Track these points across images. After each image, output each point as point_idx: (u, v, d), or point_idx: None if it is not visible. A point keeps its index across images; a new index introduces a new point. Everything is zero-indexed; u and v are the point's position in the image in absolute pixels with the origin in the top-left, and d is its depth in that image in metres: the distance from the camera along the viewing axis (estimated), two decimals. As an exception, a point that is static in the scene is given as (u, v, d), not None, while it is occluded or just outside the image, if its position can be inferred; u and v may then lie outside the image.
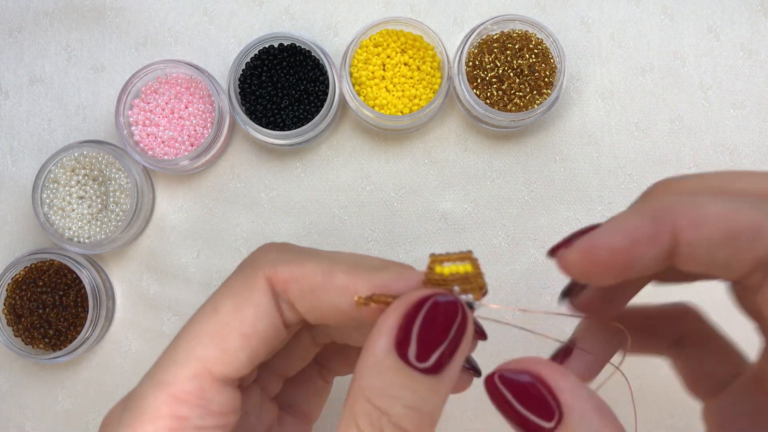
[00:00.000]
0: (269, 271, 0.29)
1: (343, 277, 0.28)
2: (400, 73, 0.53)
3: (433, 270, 0.27)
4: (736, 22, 0.55)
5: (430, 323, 0.26)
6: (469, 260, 0.27)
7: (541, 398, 0.25)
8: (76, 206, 0.52)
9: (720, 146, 0.54)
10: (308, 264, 0.29)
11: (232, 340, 0.28)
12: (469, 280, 0.27)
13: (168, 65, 0.53)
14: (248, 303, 0.29)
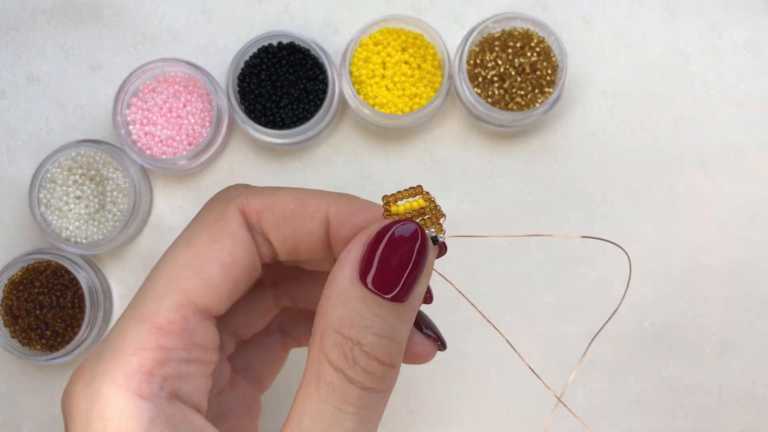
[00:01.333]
0: (241, 202, 0.29)
1: (315, 202, 0.29)
2: (401, 71, 0.53)
3: (389, 210, 0.28)
4: (739, 20, 0.55)
5: (391, 251, 0.26)
6: (421, 194, 0.28)
7: None
8: (74, 206, 0.52)
9: (723, 145, 0.54)
10: (279, 193, 0.30)
11: (211, 270, 0.28)
12: (426, 213, 0.28)
13: (166, 64, 0.53)
14: (224, 234, 0.29)
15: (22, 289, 0.51)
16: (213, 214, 0.29)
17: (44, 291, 0.51)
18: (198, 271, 0.28)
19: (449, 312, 0.53)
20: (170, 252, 0.29)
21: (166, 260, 0.29)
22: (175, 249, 0.29)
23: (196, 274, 0.28)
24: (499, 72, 0.52)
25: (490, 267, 0.54)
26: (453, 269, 0.54)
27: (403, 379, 0.52)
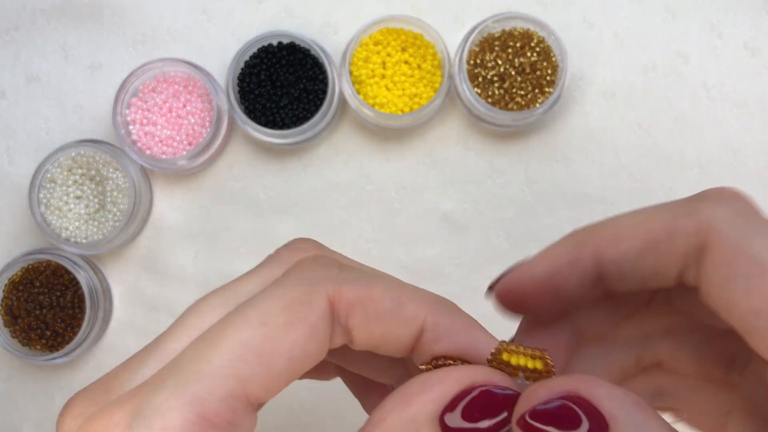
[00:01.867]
0: (334, 289, 0.25)
1: (414, 307, 0.26)
2: (401, 71, 0.53)
3: (501, 355, 0.25)
4: (739, 20, 0.55)
5: (476, 409, 0.24)
6: (541, 359, 0.25)
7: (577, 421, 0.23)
8: (73, 206, 0.52)
9: (723, 145, 0.54)
10: (376, 286, 0.26)
11: (279, 364, 0.24)
12: (540, 376, 0.25)
13: (166, 64, 0.52)
14: (304, 322, 0.24)
15: (22, 289, 0.51)
16: (298, 293, 0.25)
17: (44, 291, 0.51)
18: (264, 361, 0.24)
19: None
20: (238, 323, 0.24)
21: (233, 332, 0.24)
22: (244, 322, 0.24)
23: (262, 365, 0.24)
24: (499, 72, 0.52)
25: (490, 267, 0.54)
26: (453, 269, 0.54)
27: (403, 379, 0.52)
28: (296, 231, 0.54)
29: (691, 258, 0.25)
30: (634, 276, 0.26)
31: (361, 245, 0.54)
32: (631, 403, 0.23)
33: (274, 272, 0.27)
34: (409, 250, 0.54)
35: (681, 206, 0.27)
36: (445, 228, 0.54)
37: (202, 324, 0.25)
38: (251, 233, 0.54)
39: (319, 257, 0.27)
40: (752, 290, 0.24)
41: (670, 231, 0.25)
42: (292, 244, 0.28)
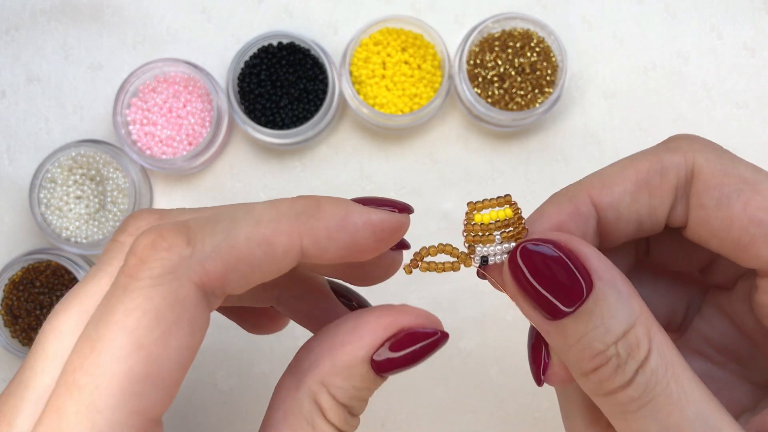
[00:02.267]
0: (198, 273, 0.23)
1: (285, 240, 0.25)
2: (401, 71, 0.53)
3: (472, 219, 0.27)
4: (738, 20, 0.55)
5: (408, 344, 0.26)
6: (508, 204, 0.26)
7: (567, 273, 0.25)
8: (74, 206, 0.52)
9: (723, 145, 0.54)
10: (238, 235, 0.24)
11: (170, 375, 0.23)
12: (512, 226, 0.26)
13: (166, 64, 0.52)
14: (181, 324, 0.23)
15: (22, 289, 0.51)
16: (161, 297, 0.23)
17: (44, 291, 0.51)
18: (155, 382, 0.22)
19: (450, 311, 0.53)
20: (114, 350, 0.22)
21: (111, 364, 0.22)
22: (119, 348, 0.22)
23: (155, 387, 0.22)
24: (498, 72, 0.52)
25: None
26: (453, 269, 0.54)
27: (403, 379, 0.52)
28: (296, 231, 0.54)
29: (681, 190, 0.27)
30: (631, 218, 0.28)
31: (361, 245, 0.54)
32: (617, 273, 0.25)
33: None
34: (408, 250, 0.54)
35: (661, 147, 0.28)
36: (446, 227, 0.54)
37: (66, 344, 0.24)
38: (251, 233, 0.54)
39: (155, 240, 0.23)
40: (749, 202, 0.26)
41: (659, 167, 0.27)
42: (128, 227, 0.27)
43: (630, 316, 0.24)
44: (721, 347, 0.32)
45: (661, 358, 0.24)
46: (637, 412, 0.24)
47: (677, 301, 0.33)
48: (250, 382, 0.52)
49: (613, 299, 0.24)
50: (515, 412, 0.53)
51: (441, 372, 0.52)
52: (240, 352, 0.52)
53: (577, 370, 0.26)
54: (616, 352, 0.24)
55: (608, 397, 0.25)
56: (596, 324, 0.24)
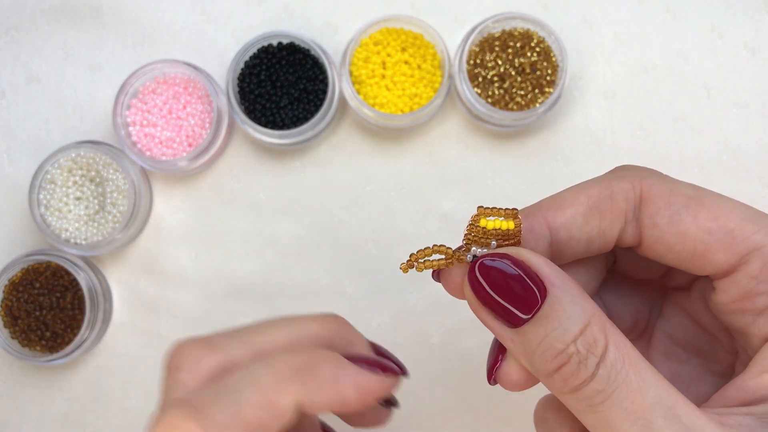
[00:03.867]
0: None
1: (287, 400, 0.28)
2: (401, 71, 0.53)
3: (478, 221, 0.29)
4: (739, 20, 0.55)
5: None
6: (513, 218, 0.29)
7: (522, 284, 0.27)
8: (73, 207, 0.52)
9: (723, 145, 0.54)
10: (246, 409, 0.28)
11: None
12: (509, 238, 0.29)
13: (166, 65, 0.52)
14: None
15: (22, 290, 0.51)
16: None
17: (44, 292, 0.51)
18: None
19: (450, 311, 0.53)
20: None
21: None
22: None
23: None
24: (499, 72, 0.52)
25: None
26: (453, 269, 0.54)
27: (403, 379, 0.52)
28: (296, 231, 0.54)
29: (630, 214, 0.30)
30: (582, 238, 0.31)
31: (361, 245, 0.54)
32: (568, 278, 0.28)
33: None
34: (409, 250, 0.54)
35: (610, 175, 0.31)
36: (445, 228, 0.54)
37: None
38: (251, 234, 0.54)
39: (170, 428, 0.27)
40: (697, 215, 0.29)
41: (608, 193, 0.30)
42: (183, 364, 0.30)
43: (584, 315, 0.27)
44: (684, 343, 0.34)
45: (618, 351, 0.26)
46: (603, 403, 0.26)
47: (641, 305, 0.36)
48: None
49: (567, 301, 0.27)
50: (515, 412, 0.53)
51: (441, 372, 0.52)
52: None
53: (542, 372, 0.28)
54: (576, 350, 0.26)
55: (575, 394, 0.27)
56: (554, 326, 0.27)
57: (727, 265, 0.29)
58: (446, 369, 0.52)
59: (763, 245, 0.29)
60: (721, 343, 0.33)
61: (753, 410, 0.27)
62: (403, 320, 0.53)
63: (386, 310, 0.53)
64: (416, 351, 0.52)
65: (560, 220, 0.30)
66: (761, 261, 0.29)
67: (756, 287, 0.29)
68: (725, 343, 0.33)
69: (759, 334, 0.30)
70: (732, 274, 0.30)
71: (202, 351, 0.30)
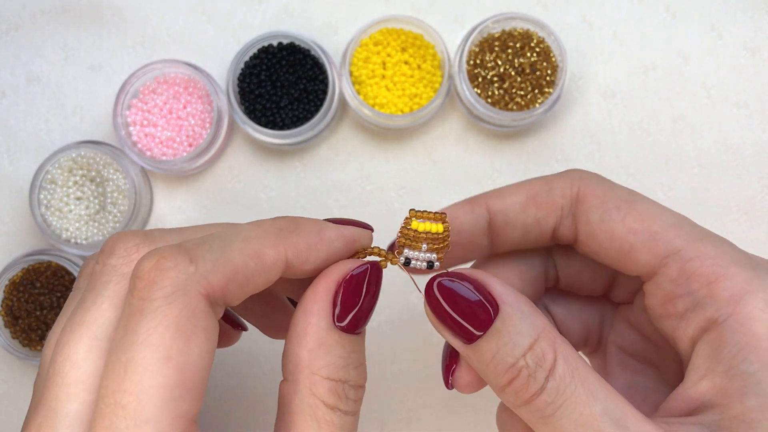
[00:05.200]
0: (204, 286, 0.26)
1: (273, 253, 0.28)
2: (401, 71, 0.53)
3: (410, 223, 0.31)
4: (739, 20, 0.55)
5: (355, 293, 0.29)
6: (442, 222, 0.31)
7: (475, 302, 0.29)
8: (74, 207, 0.52)
9: (723, 145, 0.54)
10: (232, 252, 0.27)
11: (200, 381, 0.26)
12: (438, 241, 0.31)
13: (166, 65, 0.52)
14: (198, 333, 0.26)
15: (22, 290, 0.51)
16: (178, 310, 0.25)
17: (45, 292, 0.51)
18: (189, 386, 0.25)
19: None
20: (147, 367, 0.25)
21: (149, 379, 0.25)
22: (151, 364, 0.25)
23: (187, 391, 0.25)
24: (498, 72, 0.52)
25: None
26: (453, 269, 0.54)
27: (403, 377, 0.52)
28: (296, 231, 0.54)
29: (566, 209, 0.33)
30: (518, 225, 0.33)
31: (362, 245, 0.54)
32: (520, 296, 0.29)
33: (119, 288, 0.28)
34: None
35: (552, 175, 0.34)
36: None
37: (84, 374, 0.27)
38: (251, 234, 0.54)
39: (159, 261, 0.26)
40: (627, 216, 0.31)
41: (547, 188, 0.33)
42: (116, 249, 0.29)
43: (533, 331, 0.28)
44: (636, 354, 0.36)
45: (566, 366, 0.28)
46: (553, 415, 0.27)
47: (590, 319, 0.37)
48: (250, 382, 0.52)
49: (517, 318, 0.28)
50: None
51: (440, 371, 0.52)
52: (240, 352, 0.52)
53: (496, 386, 0.29)
54: (526, 364, 0.27)
55: (527, 406, 0.28)
56: (505, 341, 0.28)
57: (649, 266, 0.31)
58: (446, 369, 0.52)
59: (681, 249, 0.30)
60: (667, 353, 0.35)
61: (700, 419, 0.28)
62: (403, 320, 0.53)
63: (386, 310, 0.53)
64: (416, 351, 0.52)
65: (499, 206, 0.33)
66: (678, 264, 0.30)
67: (675, 290, 0.31)
68: (671, 353, 0.34)
69: (684, 337, 0.31)
70: (655, 277, 0.31)
71: (138, 240, 0.29)
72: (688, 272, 0.30)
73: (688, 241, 0.30)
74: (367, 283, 0.30)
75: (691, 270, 0.30)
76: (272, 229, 0.29)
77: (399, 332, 0.52)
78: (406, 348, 0.52)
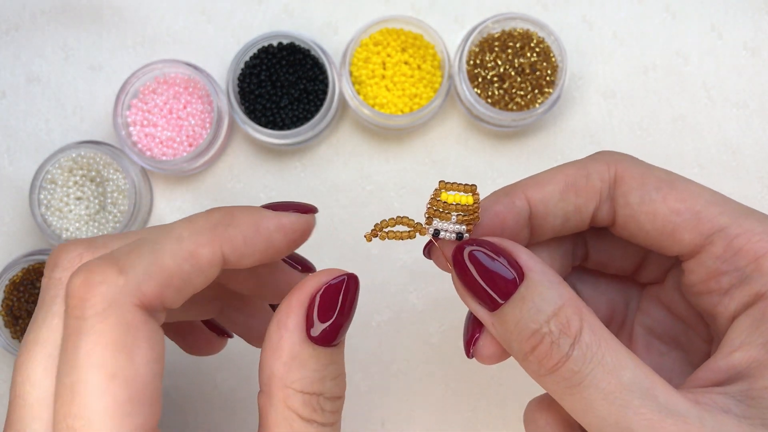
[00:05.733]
0: (137, 297, 0.25)
1: (208, 252, 0.27)
2: (401, 71, 0.53)
3: (439, 194, 0.30)
4: (739, 20, 0.55)
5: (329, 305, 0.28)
6: (472, 193, 0.30)
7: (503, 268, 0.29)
8: (74, 207, 0.52)
9: (722, 146, 0.54)
10: (164, 256, 0.26)
11: (149, 392, 0.25)
12: (468, 212, 0.30)
13: (166, 65, 0.53)
14: (139, 344, 0.25)
15: (22, 290, 0.51)
16: (114, 325, 0.25)
17: (45, 292, 0.51)
18: (138, 399, 0.25)
19: (450, 311, 0.53)
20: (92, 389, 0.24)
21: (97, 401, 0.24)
22: (98, 384, 0.24)
23: (139, 404, 0.25)
24: (498, 72, 0.52)
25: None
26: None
27: (403, 377, 0.52)
28: (296, 231, 0.54)
29: (605, 194, 0.32)
30: (558, 214, 0.32)
31: (362, 245, 0.54)
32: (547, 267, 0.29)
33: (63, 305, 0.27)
34: (409, 250, 0.54)
35: (587, 159, 0.33)
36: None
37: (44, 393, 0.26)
38: (251, 234, 0.54)
39: (87, 277, 0.25)
40: (668, 196, 0.31)
41: (585, 173, 0.32)
42: (60, 260, 0.28)
43: (559, 298, 0.28)
44: (663, 335, 0.36)
45: (593, 335, 0.27)
46: (580, 384, 0.27)
47: (617, 297, 0.37)
48: (250, 383, 0.52)
49: (543, 285, 0.28)
50: (515, 411, 0.53)
51: (441, 371, 0.52)
52: (240, 353, 0.52)
53: (519, 354, 0.28)
54: (549, 330, 0.27)
55: (552, 376, 0.27)
56: (529, 307, 0.28)
57: (693, 244, 0.31)
58: (446, 368, 0.52)
59: (726, 226, 0.30)
60: (696, 332, 0.34)
61: (727, 390, 0.28)
62: (403, 320, 0.53)
63: (386, 310, 0.53)
64: (416, 351, 0.52)
65: (539, 195, 0.32)
66: (724, 241, 0.30)
67: (720, 267, 0.30)
68: (701, 332, 0.34)
69: (725, 313, 0.31)
70: (698, 255, 0.31)
71: (81, 249, 0.28)
72: (735, 248, 0.30)
73: (733, 218, 0.30)
74: (342, 294, 0.29)
75: (738, 246, 0.30)
76: (206, 224, 0.28)
77: (399, 332, 0.53)
78: (406, 348, 0.52)
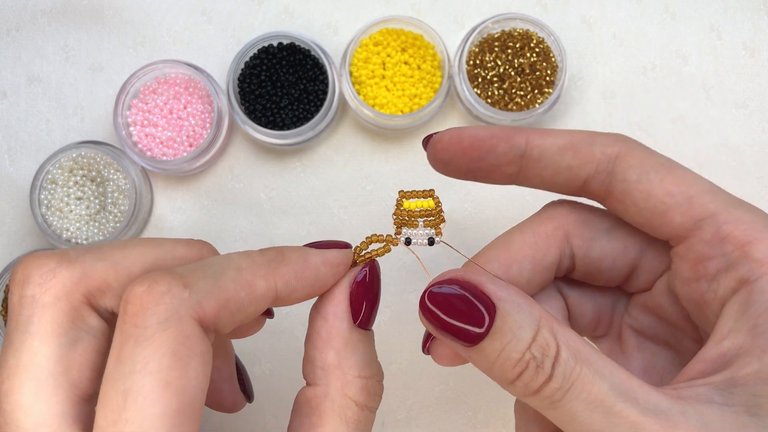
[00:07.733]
0: (197, 312, 0.26)
1: (264, 284, 0.29)
2: (401, 72, 0.53)
3: (401, 204, 0.32)
4: (738, 21, 0.55)
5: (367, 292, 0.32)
6: (432, 197, 0.32)
7: (470, 304, 0.29)
8: (74, 207, 0.52)
9: (722, 146, 0.54)
10: (225, 281, 0.28)
11: (196, 403, 0.26)
12: (433, 215, 0.32)
13: (166, 65, 0.53)
14: (194, 358, 0.26)
15: (23, 290, 0.51)
16: (174, 336, 0.25)
17: (45, 292, 0.51)
18: (187, 411, 0.26)
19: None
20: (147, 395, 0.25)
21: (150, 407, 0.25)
22: (151, 391, 0.25)
23: (187, 415, 0.26)
24: (498, 72, 0.52)
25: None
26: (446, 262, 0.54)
27: (403, 377, 0.52)
28: (296, 231, 0.54)
29: (602, 165, 0.33)
30: (549, 164, 0.33)
31: (362, 245, 0.54)
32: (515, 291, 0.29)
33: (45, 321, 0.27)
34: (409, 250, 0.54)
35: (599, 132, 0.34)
36: (446, 228, 0.54)
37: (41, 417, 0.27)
38: (252, 234, 0.54)
39: (152, 286, 0.26)
40: (665, 178, 0.32)
41: (590, 140, 0.33)
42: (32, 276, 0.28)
43: (533, 322, 0.28)
44: (653, 337, 0.36)
45: (569, 350, 0.28)
46: (563, 399, 0.28)
47: (603, 300, 0.38)
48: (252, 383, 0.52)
49: (515, 312, 0.28)
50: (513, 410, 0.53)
51: (441, 370, 0.52)
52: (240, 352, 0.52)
53: (504, 380, 0.29)
54: (532, 356, 0.28)
55: (536, 395, 0.28)
56: (509, 338, 0.28)
57: (683, 228, 0.32)
58: (446, 369, 0.52)
59: (716, 213, 0.31)
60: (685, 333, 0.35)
61: (710, 380, 0.29)
62: (403, 320, 0.53)
63: (386, 310, 0.53)
64: (416, 351, 0.52)
65: (538, 141, 0.33)
66: (713, 227, 0.31)
67: (708, 252, 0.31)
68: (690, 333, 0.35)
69: (714, 301, 0.31)
70: (687, 239, 0.32)
71: (54, 263, 0.28)
72: (723, 235, 0.31)
73: (723, 207, 0.31)
74: (370, 281, 0.32)
75: (725, 233, 0.31)
76: (261, 260, 0.30)
77: (399, 332, 0.53)
78: (406, 348, 0.52)
